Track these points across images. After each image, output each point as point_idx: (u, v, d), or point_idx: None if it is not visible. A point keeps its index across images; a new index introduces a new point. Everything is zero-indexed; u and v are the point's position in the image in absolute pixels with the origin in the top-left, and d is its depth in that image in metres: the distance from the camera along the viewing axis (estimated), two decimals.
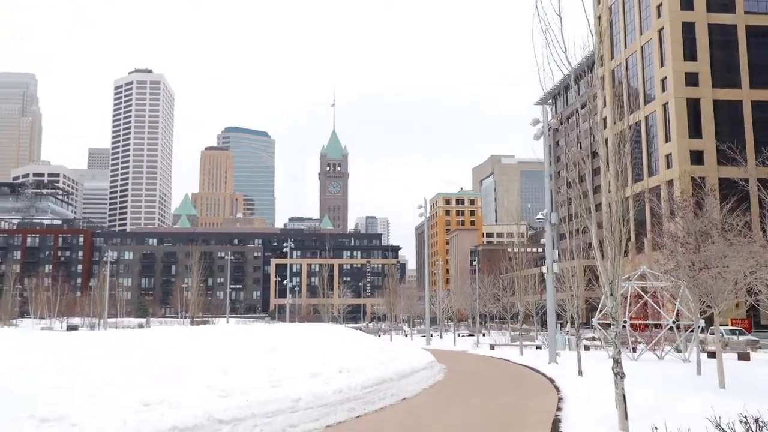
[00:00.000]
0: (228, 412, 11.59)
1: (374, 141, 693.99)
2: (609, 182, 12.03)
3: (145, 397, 10.97)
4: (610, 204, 11.20)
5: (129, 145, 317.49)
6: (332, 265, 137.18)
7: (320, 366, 16.74)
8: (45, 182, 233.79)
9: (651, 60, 77.06)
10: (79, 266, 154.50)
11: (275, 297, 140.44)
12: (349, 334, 29.52)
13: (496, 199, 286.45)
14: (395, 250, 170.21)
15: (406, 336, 71.23)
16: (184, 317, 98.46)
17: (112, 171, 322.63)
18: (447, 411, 16.33)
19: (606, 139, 12.74)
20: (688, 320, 31.28)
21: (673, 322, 31.71)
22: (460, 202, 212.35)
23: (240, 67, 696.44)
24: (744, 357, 31.82)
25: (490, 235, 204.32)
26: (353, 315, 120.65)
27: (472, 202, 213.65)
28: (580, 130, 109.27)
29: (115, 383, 11.78)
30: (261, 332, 26.88)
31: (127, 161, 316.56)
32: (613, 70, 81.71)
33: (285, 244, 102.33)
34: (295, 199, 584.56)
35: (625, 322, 30.71)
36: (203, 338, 22.33)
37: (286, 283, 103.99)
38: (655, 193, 62.76)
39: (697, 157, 70.48)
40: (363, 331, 45.89)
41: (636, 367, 23.79)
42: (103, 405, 10.40)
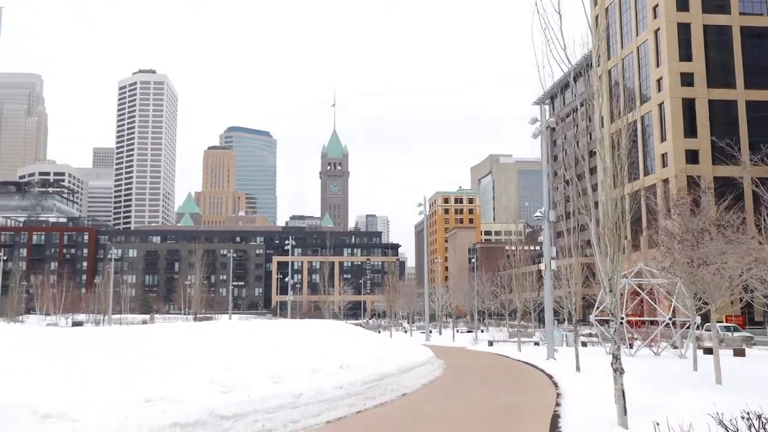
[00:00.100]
0: (229, 408, 11.48)
1: (374, 140, 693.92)
2: (607, 179, 11.92)
3: (147, 394, 10.86)
4: (610, 200, 11.08)
5: (133, 144, 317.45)
6: (333, 262, 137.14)
7: (321, 362, 16.63)
8: (51, 181, 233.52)
9: (647, 60, 76.89)
10: (84, 263, 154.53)
11: (277, 294, 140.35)
12: (349, 330, 29.45)
13: (494, 198, 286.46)
14: (395, 247, 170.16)
15: (406, 332, 71.18)
16: (188, 314, 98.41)
17: (117, 170, 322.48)
18: (447, 406, 16.23)
19: (604, 138, 12.62)
20: (684, 317, 31.21)
21: (670, 318, 31.62)
22: (458, 200, 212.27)
23: (242, 68, 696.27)
24: (739, 353, 31.76)
25: (488, 233, 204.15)
26: (354, 312, 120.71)
27: (470, 201, 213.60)
28: (577, 129, 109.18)
29: (117, 379, 11.67)
30: (262, 329, 26.82)
31: (132, 160, 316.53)
32: (609, 71, 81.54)
33: (286, 242, 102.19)
34: (296, 197, 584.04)
35: (621, 318, 30.62)
36: (205, 334, 22.25)
37: (287, 281, 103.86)
38: (651, 192, 62.70)
39: (692, 156, 70.39)
40: (363, 328, 45.80)
41: (633, 363, 23.67)
42: (105, 401, 10.29)
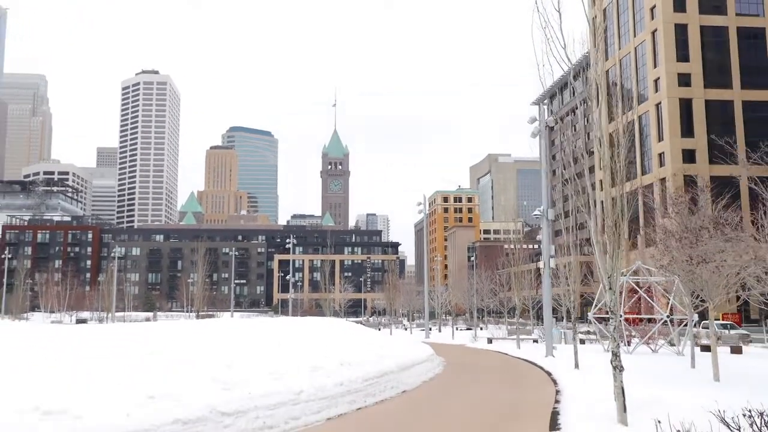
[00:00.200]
0: (231, 405, 11.39)
1: (374, 140, 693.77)
2: (607, 178, 11.82)
3: (149, 391, 10.76)
4: (612, 198, 10.98)
5: (136, 144, 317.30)
6: (333, 260, 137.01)
7: (321, 359, 16.54)
8: (55, 180, 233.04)
9: (644, 61, 76.73)
10: (88, 262, 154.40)
11: (278, 292, 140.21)
12: (349, 328, 29.35)
13: (493, 197, 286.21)
14: (395, 246, 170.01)
15: (406, 330, 71.07)
16: (190, 311, 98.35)
17: (120, 169, 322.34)
18: (447, 403, 16.13)
19: (602, 137, 12.50)
20: (682, 315, 31.11)
21: (667, 316, 31.51)
22: (458, 199, 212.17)
23: (244, 69, 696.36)
24: (736, 350, 31.68)
25: (487, 231, 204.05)
26: (354, 309, 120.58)
27: (469, 200, 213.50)
28: (575, 129, 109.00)
29: (119, 377, 11.58)
30: (263, 326, 26.72)
31: (135, 160, 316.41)
32: (607, 71, 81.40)
33: (288, 241, 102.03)
34: (297, 196, 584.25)
35: (620, 316, 30.50)
36: (207, 332, 22.15)
37: (288, 278, 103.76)
38: (649, 191, 62.57)
39: (689, 155, 70.25)
40: (363, 325, 45.69)
41: (631, 361, 23.55)
42: (107, 398, 10.19)
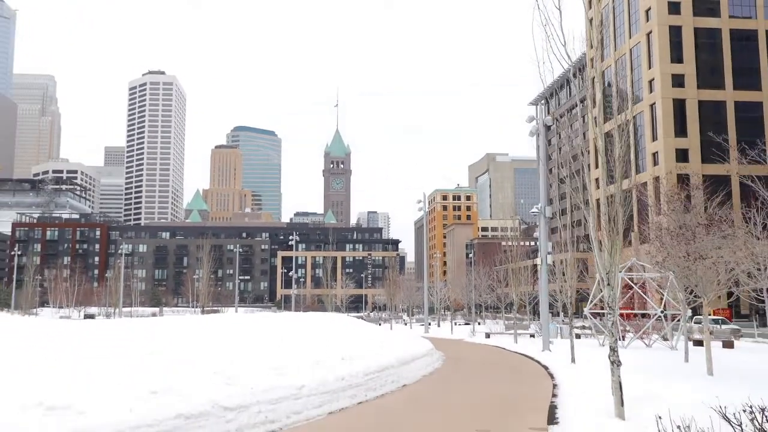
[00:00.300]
0: (233, 399, 11.25)
1: (375, 139, 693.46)
2: (605, 176, 11.67)
3: (151, 386, 10.63)
4: (610, 195, 10.84)
5: (143, 143, 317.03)
6: (335, 257, 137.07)
7: (323, 354, 16.41)
8: (64, 179, 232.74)
9: (639, 62, 76.51)
10: (96, 258, 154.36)
11: (281, 287, 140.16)
12: (351, 323, 29.21)
13: (490, 195, 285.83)
14: (395, 243, 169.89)
15: (406, 325, 70.96)
16: (196, 307, 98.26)
17: (128, 168, 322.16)
18: (446, 397, 16.01)
19: (604, 134, 12.37)
20: (675, 310, 30.98)
21: (661, 311, 31.37)
22: (456, 197, 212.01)
23: (248, 70, 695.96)
24: (728, 345, 31.52)
25: (485, 229, 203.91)
26: (355, 305, 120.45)
27: (468, 198, 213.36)
28: (572, 128, 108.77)
29: (122, 372, 11.44)
30: (266, 322, 26.59)
31: (142, 159, 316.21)
32: (602, 72, 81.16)
33: (291, 238, 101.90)
34: (300, 194, 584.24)
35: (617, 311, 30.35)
36: (210, 328, 22.01)
37: (291, 275, 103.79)
38: (643, 189, 62.37)
39: (682, 155, 70.12)
40: (364, 321, 45.58)
41: (625, 355, 23.24)
42: (110, 393, 10.06)
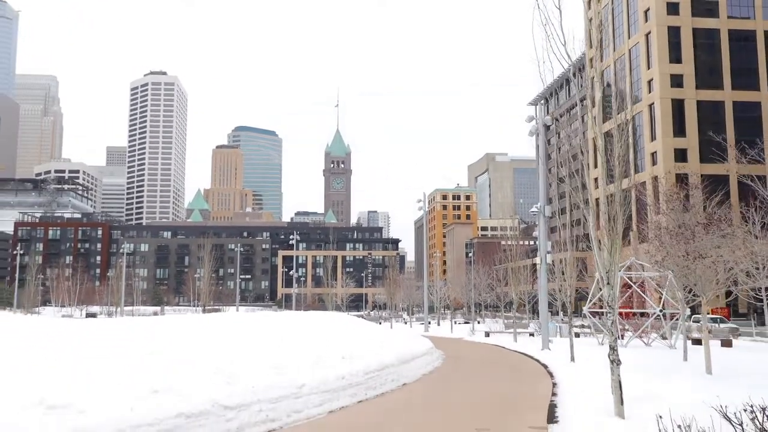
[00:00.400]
0: (234, 398, 11.19)
1: (375, 139, 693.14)
2: (605, 175, 11.61)
3: (152, 385, 10.57)
4: (610, 195, 10.78)
5: (145, 143, 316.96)
6: (336, 256, 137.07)
7: (323, 353, 16.35)
8: (66, 178, 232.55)
9: (638, 62, 76.43)
10: (98, 257, 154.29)
11: (282, 287, 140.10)
12: (351, 322, 29.16)
13: (490, 195, 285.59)
14: (395, 242, 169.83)
15: (406, 324, 70.91)
16: (197, 305, 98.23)
17: (129, 168, 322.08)
18: (446, 396, 15.95)
19: (603, 134, 12.30)
20: (674, 309, 30.91)
21: (660, 310, 31.31)
22: (456, 197, 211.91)
23: (249, 70, 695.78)
24: (727, 344, 31.44)
25: (484, 228, 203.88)
26: (355, 304, 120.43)
27: (467, 198, 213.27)
28: (571, 127, 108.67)
29: (123, 371, 11.38)
30: (267, 320, 26.54)
31: (143, 159, 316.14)
32: (602, 72, 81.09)
33: (291, 237, 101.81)
34: (301, 194, 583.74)
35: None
36: (211, 327, 21.96)
37: (292, 274, 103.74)
38: (642, 189, 62.29)
39: (681, 154, 70.05)
40: (365, 319, 45.53)
41: (624, 354, 23.14)
42: (111, 392, 10.00)
